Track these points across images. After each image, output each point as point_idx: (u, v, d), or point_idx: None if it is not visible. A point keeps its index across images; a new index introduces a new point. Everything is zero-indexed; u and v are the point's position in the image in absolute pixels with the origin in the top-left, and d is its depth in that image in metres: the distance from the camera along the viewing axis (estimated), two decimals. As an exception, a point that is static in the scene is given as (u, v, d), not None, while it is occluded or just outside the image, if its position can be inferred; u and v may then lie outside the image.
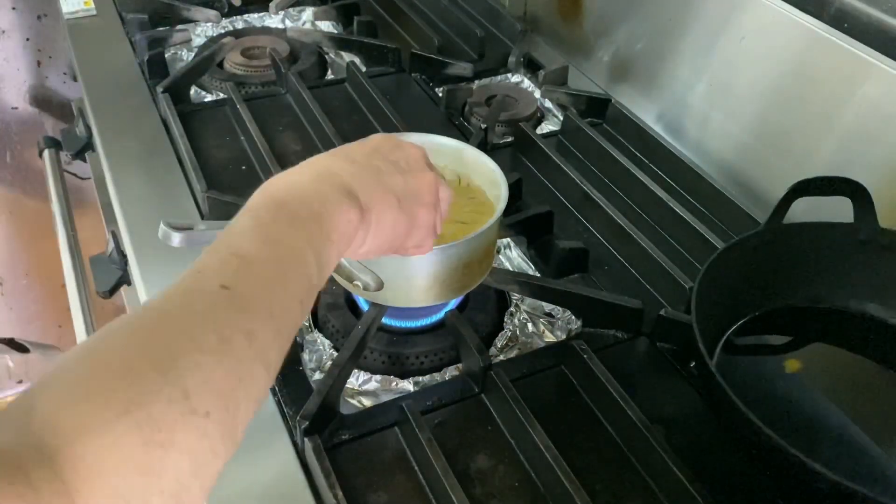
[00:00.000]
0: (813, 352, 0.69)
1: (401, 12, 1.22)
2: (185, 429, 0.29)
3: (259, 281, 0.36)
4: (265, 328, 0.34)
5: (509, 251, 0.80)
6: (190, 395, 0.30)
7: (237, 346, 0.33)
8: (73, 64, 1.18)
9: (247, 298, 0.34)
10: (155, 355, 0.30)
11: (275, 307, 0.35)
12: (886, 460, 0.59)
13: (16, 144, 1.57)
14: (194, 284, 0.35)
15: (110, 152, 0.89)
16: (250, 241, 0.37)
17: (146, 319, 0.32)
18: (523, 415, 0.58)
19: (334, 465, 0.55)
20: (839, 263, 0.68)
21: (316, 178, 0.43)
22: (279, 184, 0.42)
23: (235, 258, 0.36)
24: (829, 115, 0.77)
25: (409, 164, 0.49)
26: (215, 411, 0.30)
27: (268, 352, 0.35)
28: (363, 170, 0.46)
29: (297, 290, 0.38)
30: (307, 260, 0.39)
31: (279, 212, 0.40)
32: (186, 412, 0.29)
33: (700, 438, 0.60)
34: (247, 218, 0.39)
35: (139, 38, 1.08)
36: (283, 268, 0.37)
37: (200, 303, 0.33)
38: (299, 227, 0.39)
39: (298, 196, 0.41)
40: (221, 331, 0.32)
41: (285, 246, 0.38)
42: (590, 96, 1.01)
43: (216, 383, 0.31)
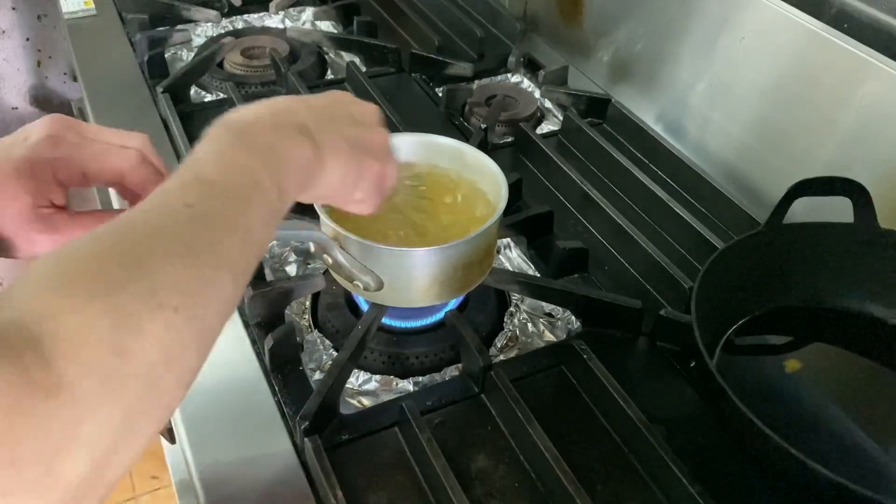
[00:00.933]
0: (813, 352, 0.69)
1: (401, 12, 1.22)
2: (152, 319, 0.31)
3: (221, 200, 0.37)
4: (229, 240, 0.36)
5: (509, 251, 0.80)
6: (157, 291, 0.31)
7: (202, 253, 0.34)
8: (73, 64, 1.18)
9: (210, 214, 0.36)
10: (121, 257, 0.32)
11: (238, 223, 0.37)
12: (886, 460, 0.59)
13: (16, 144, 1.57)
14: (159, 202, 0.36)
15: (110, 152, 0.89)
16: (212, 166, 0.39)
17: (113, 229, 0.34)
18: (523, 415, 0.58)
19: (334, 465, 0.55)
20: (839, 263, 0.68)
21: (273, 113, 0.44)
22: (237, 116, 0.43)
23: (198, 182, 0.38)
24: (829, 115, 0.77)
25: (363, 118, 0.52)
26: (183, 308, 0.32)
27: (234, 262, 0.36)
28: (319, 114, 0.47)
29: (259, 211, 0.39)
30: (265, 184, 0.40)
31: (237, 140, 0.41)
32: (154, 305, 0.31)
33: (700, 438, 0.60)
34: (207, 146, 0.41)
35: (139, 38, 1.08)
36: (243, 190, 0.39)
37: (165, 217, 0.35)
38: (256, 154, 0.41)
39: (256, 127, 0.43)
40: (186, 240, 0.34)
41: (245, 170, 0.40)
42: (590, 96, 1.01)
43: (183, 283, 0.33)
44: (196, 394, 0.62)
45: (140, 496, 1.57)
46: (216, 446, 0.58)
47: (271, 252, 0.78)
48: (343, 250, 0.58)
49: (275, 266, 0.77)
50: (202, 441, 0.59)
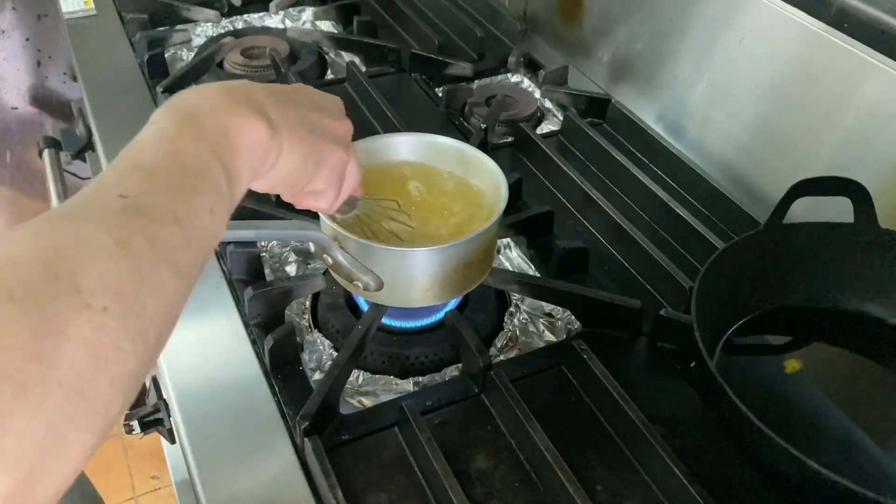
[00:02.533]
0: (813, 352, 0.69)
1: (401, 12, 1.22)
2: (77, 321, 0.28)
3: (161, 189, 0.35)
4: (169, 232, 0.33)
5: (509, 251, 0.80)
6: (82, 290, 0.29)
7: (136, 248, 0.32)
8: (73, 64, 1.18)
9: (147, 205, 0.34)
10: (44, 254, 0.29)
11: (179, 213, 0.34)
12: (886, 460, 0.59)
13: (16, 144, 1.57)
14: (93, 195, 0.34)
15: (110, 152, 0.89)
16: (154, 152, 0.37)
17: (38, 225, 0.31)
18: (523, 415, 0.58)
19: (334, 465, 0.55)
20: (839, 263, 0.68)
21: (227, 93, 0.42)
22: (187, 95, 0.41)
23: (138, 169, 0.35)
24: (829, 115, 0.77)
25: (326, 106, 0.50)
26: (114, 307, 0.29)
27: (175, 255, 0.33)
28: (278, 96, 0.45)
29: (206, 199, 0.37)
30: (213, 170, 0.38)
31: (184, 123, 0.39)
32: (79, 305, 0.28)
33: (700, 438, 0.60)
34: (151, 130, 0.38)
35: (139, 38, 1.08)
36: (187, 177, 0.36)
37: (97, 210, 0.33)
38: (204, 138, 0.38)
39: (206, 108, 0.40)
40: (118, 234, 0.31)
41: (190, 156, 0.37)
42: (590, 96, 1.01)
43: (113, 281, 0.30)
44: (196, 394, 0.62)
45: (140, 496, 1.57)
46: (216, 446, 0.58)
47: (271, 252, 0.78)
48: (343, 250, 0.58)
49: (275, 266, 0.77)
50: (202, 441, 0.59)
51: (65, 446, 0.28)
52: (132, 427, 0.70)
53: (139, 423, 0.70)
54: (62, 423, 0.27)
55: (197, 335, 0.67)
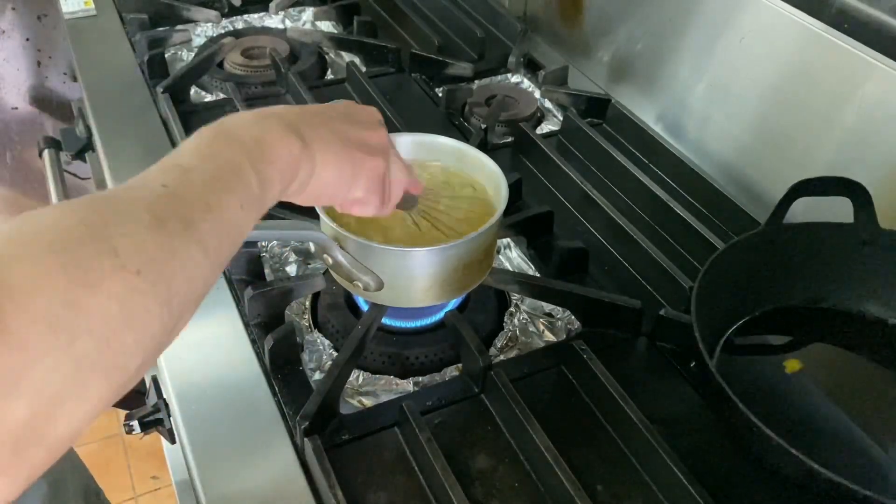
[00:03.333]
0: (813, 352, 0.69)
1: (401, 12, 1.22)
2: (113, 278, 0.30)
3: (197, 182, 0.38)
4: (202, 218, 0.36)
5: (509, 251, 0.80)
6: (119, 253, 0.31)
7: (171, 225, 0.34)
8: (73, 64, 1.18)
9: (184, 194, 0.37)
10: (87, 219, 0.32)
11: (212, 203, 0.38)
12: (886, 460, 0.59)
13: (16, 144, 1.57)
14: (135, 183, 0.37)
15: (110, 152, 0.89)
16: (192, 155, 0.40)
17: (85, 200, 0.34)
18: (523, 415, 0.58)
19: (334, 465, 0.55)
20: (839, 263, 0.68)
21: (261, 115, 0.45)
22: (225, 118, 0.44)
23: (176, 167, 0.38)
24: (829, 115, 0.77)
25: (359, 118, 0.52)
26: (147, 273, 0.32)
27: (205, 238, 0.36)
28: (309, 114, 0.48)
29: (237, 195, 0.40)
30: (245, 171, 0.41)
31: (221, 134, 0.42)
32: (116, 266, 0.31)
33: (700, 438, 0.60)
34: (189, 141, 0.42)
35: (139, 38, 1.08)
36: (221, 175, 0.39)
37: (139, 192, 0.36)
38: (238, 146, 0.42)
39: (241, 127, 0.43)
40: (155, 211, 0.34)
41: (224, 159, 0.40)
42: (590, 96, 1.01)
43: (148, 249, 0.33)
44: (196, 394, 0.62)
45: (140, 496, 1.57)
46: (216, 446, 0.58)
47: (271, 252, 0.78)
48: (343, 250, 0.58)
49: (275, 266, 0.77)
50: (202, 441, 0.59)
51: (84, 389, 0.30)
52: (132, 427, 0.70)
53: (139, 423, 0.70)
54: (87, 367, 0.29)
55: (197, 335, 0.67)
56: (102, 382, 0.30)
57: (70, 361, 0.29)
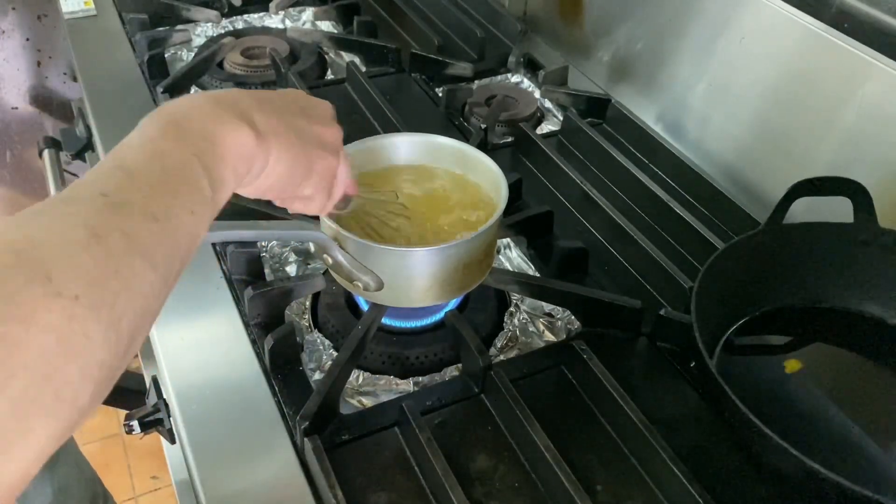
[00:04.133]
0: (813, 352, 0.69)
1: (401, 12, 1.22)
2: (48, 308, 0.28)
3: (141, 188, 0.35)
4: (146, 229, 0.34)
5: (509, 251, 0.80)
6: (53, 278, 0.29)
7: (112, 241, 0.32)
8: (73, 64, 1.18)
9: (126, 203, 0.34)
10: (16, 242, 0.30)
11: (158, 212, 0.35)
12: (886, 460, 0.59)
13: (16, 144, 1.57)
14: (72, 192, 0.34)
15: (110, 152, 0.89)
16: (136, 154, 0.37)
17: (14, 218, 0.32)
18: (523, 415, 0.58)
19: (334, 465, 0.55)
20: (839, 263, 0.68)
21: (213, 102, 0.42)
22: (174, 103, 0.42)
23: (119, 170, 0.36)
24: (829, 115, 0.77)
25: (315, 112, 0.50)
26: (86, 297, 0.29)
27: (152, 251, 0.34)
28: (266, 104, 0.45)
29: (186, 200, 0.37)
30: (195, 172, 0.38)
31: (169, 128, 0.39)
32: (50, 293, 0.29)
33: (700, 438, 0.60)
34: (136, 134, 0.39)
35: (139, 38, 1.08)
36: (167, 178, 0.37)
37: (74, 206, 0.33)
38: (188, 142, 0.39)
39: (191, 115, 0.40)
40: (93, 228, 0.32)
41: (172, 159, 0.38)
42: (590, 96, 1.01)
43: (86, 270, 0.30)
44: (196, 394, 0.62)
45: (140, 496, 1.57)
46: (216, 446, 0.58)
47: (271, 252, 0.78)
48: (343, 250, 0.58)
49: (275, 266, 0.77)
50: (202, 441, 0.59)
51: (28, 430, 0.28)
52: (132, 427, 0.70)
53: (139, 423, 0.70)
54: (26, 407, 0.27)
55: (197, 335, 0.67)
56: (48, 421, 0.28)
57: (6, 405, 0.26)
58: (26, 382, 0.27)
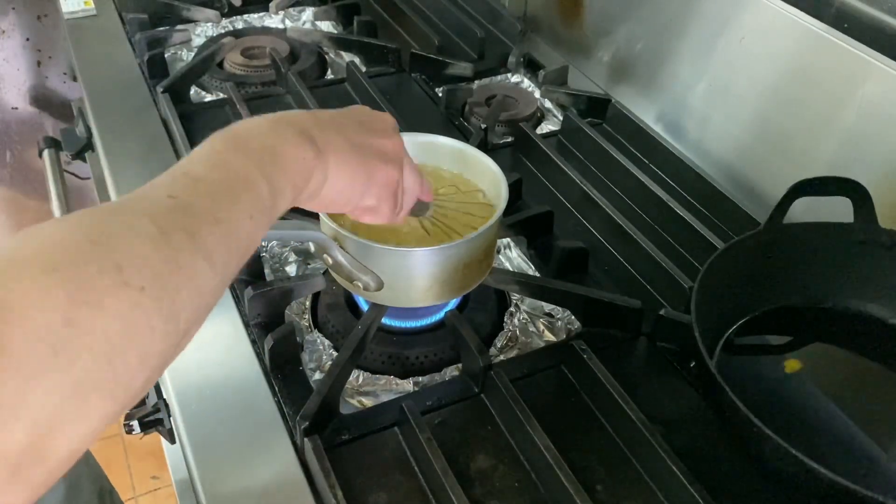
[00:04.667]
0: (813, 352, 0.69)
1: (401, 12, 1.22)
2: (115, 295, 0.30)
3: (206, 193, 0.37)
4: (209, 230, 0.36)
5: (509, 251, 0.80)
6: (123, 269, 0.31)
7: (177, 239, 0.34)
8: (73, 64, 1.18)
9: (192, 205, 0.36)
10: (92, 233, 0.31)
11: (221, 215, 0.37)
12: (886, 460, 0.59)
13: (16, 144, 1.57)
14: (142, 193, 0.36)
15: (110, 152, 0.89)
16: (202, 164, 0.39)
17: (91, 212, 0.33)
18: (523, 415, 0.58)
19: (334, 465, 0.55)
20: (839, 263, 0.68)
21: (274, 121, 0.45)
22: (239, 124, 0.44)
23: (185, 177, 0.38)
24: (829, 115, 0.77)
25: (374, 126, 0.52)
26: (151, 288, 0.31)
27: (212, 251, 0.36)
28: (326, 122, 0.48)
29: (246, 206, 0.39)
30: (256, 182, 0.40)
31: (232, 142, 0.42)
32: (118, 282, 0.30)
33: (700, 438, 0.60)
34: (202, 147, 0.41)
35: (139, 38, 1.08)
36: (230, 185, 0.39)
37: (146, 204, 0.35)
38: (250, 155, 0.41)
39: (254, 132, 0.43)
40: (161, 224, 0.34)
41: (234, 169, 0.40)
42: (590, 96, 1.01)
43: (152, 264, 0.32)
44: (196, 394, 0.62)
45: (140, 496, 1.57)
46: (216, 446, 0.58)
47: (271, 252, 0.78)
48: (343, 250, 0.58)
49: (275, 266, 0.77)
50: (202, 441, 0.59)
51: (86, 410, 0.29)
52: (132, 427, 0.70)
53: (139, 423, 0.70)
54: (87, 387, 0.29)
55: (197, 335, 0.67)
56: (105, 402, 0.30)
57: (70, 382, 0.28)
58: (90, 364, 0.29)
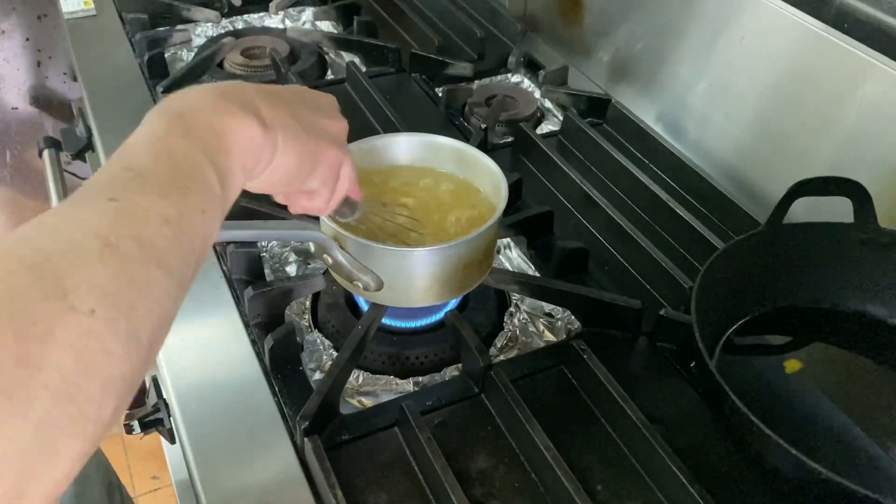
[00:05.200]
0: (813, 352, 0.69)
1: (401, 12, 1.22)
2: (63, 324, 0.28)
3: (151, 191, 0.34)
4: (159, 233, 0.33)
5: (509, 251, 0.80)
6: (68, 293, 0.28)
7: (125, 249, 0.31)
8: (73, 64, 1.18)
9: (136, 208, 0.33)
10: (29, 257, 0.29)
11: (169, 214, 0.34)
12: (886, 460, 0.59)
13: (16, 144, 1.57)
14: (80, 199, 0.33)
15: (110, 152, 0.88)
16: (144, 153, 0.36)
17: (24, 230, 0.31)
18: (523, 415, 0.58)
19: (334, 465, 0.55)
20: (839, 263, 0.68)
21: (218, 94, 0.41)
22: (179, 96, 0.41)
23: (127, 171, 0.35)
24: (829, 115, 0.77)
25: (320, 104, 0.50)
26: (102, 310, 0.29)
27: (165, 256, 0.33)
28: (273, 97, 0.45)
29: (196, 200, 0.36)
30: (204, 170, 0.38)
31: (175, 123, 0.38)
32: (65, 309, 0.28)
33: (700, 438, 0.60)
34: (142, 131, 0.38)
35: (139, 38, 1.08)
36: (177, 177, 0.36)
37: (85, 213, 0.32)
38: (195, 138, 0.38)
39: (197, 108, 0.40)
40: (105, 236, 0.31)
41: (180, 156, 0.37)
42: (590, 96, 1.01)
43: (100, 283, 0.30)
44: (196, 394, 0.62)
45: (140, 496, 1.57)
46: (216, 446, 0.58)
47: (271, 252, 0.78)
48: (343, 250, 0.58)
49: (275, 266, 0.77)
50: (202, 441, 0.59)
51: (54, 451, 0.27)
52: (132, 427, 0.70)
53: (139, 423, 0.70)
54: (50, 428, 0.27)
55: (197, 335, 0.67)
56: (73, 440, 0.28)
57: (30, 427, 0.26)
58: (49, 404, 0.27)
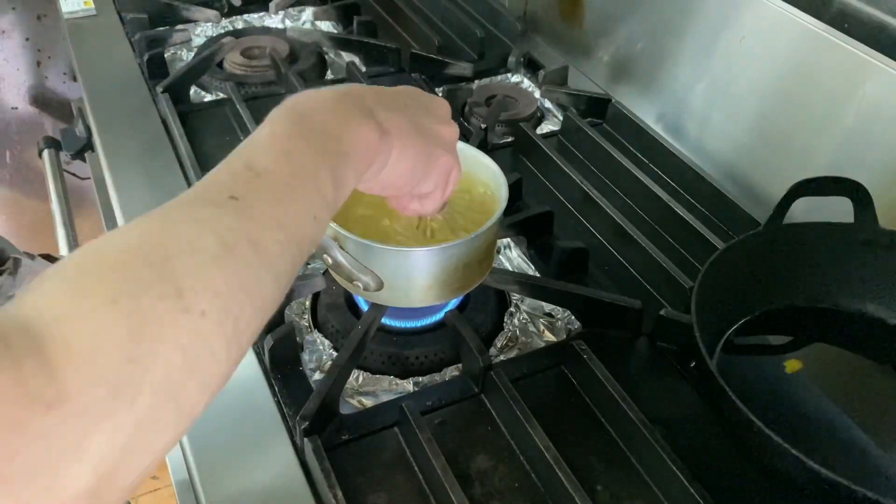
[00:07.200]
0: (813, 352, 0.69)
1: (401, 12, 1.22)
2: (175, 325, 0.28)
3: (269, 193, 0.35)
4: (273, 238, 0.34)
5: (509, 251, 0.80)
6: (184, 294, 0.29)
7: (240, 252, 0.32)
8: (73, 64, 1.18)
9: (255, 209, 0.34)
10: (150, 254, 0.30)
11: (285, 219, 0.35)
12: (886, 460, 0.59)
13: (16, 144, 1.57)
14: (202, 194, 0.34)
15: (110, 152, 0.89)
16: (265, 154, 0.37)
17: (147, 222, 0.32)
18: (523, 415, 0.58)
19: (334, 465, 0.55)
20: (839, 263, 0.68)
21: (339, 98, 0.42)
22: (301, 98, 0.41)
23: (247, 171, 0.36)
24: (829, 115, 0.77)
25: (435, 110, 0.50)
26: (213, 312, 0.30)
27: (276, 261, 0.34)
28: (389, 100, 0.45)
29: (310, 206, 0.37)
30: (321, 175, 0.38)
31: (296, 126, 0.39)
32: (178, 309, 0.29)
33: (700, 438, 0.60)
34: (265, 131, 0.39)
35: (139, 38, 1.08)
36: (295, 182, 0.36)
37: (205, 210, 0.33)
38: (315, 141, 0.39)
39: (318, 111, 0.40)
40: (224, 237, 0.32)
41: (299, 160, 0.37)
42: (590, 96, 1.01)
43: (214, 285, 0.30)
44: (196, 394, 0.62)
45: (140, 496, 1.57)
46: (216, 446, 0.58)
47: (271, 252, 0.78)
48: (343, 250, 0.58)
49: (275, 266, 0.77)
50: (202, 441, 0.59)
51: (148, 444, 0.28)
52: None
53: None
54: (149, 423, 0.28)
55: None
56: (166, 434, 0.29)
57: (132, 422, 0.27)
58: (151, 400, 0.28)
